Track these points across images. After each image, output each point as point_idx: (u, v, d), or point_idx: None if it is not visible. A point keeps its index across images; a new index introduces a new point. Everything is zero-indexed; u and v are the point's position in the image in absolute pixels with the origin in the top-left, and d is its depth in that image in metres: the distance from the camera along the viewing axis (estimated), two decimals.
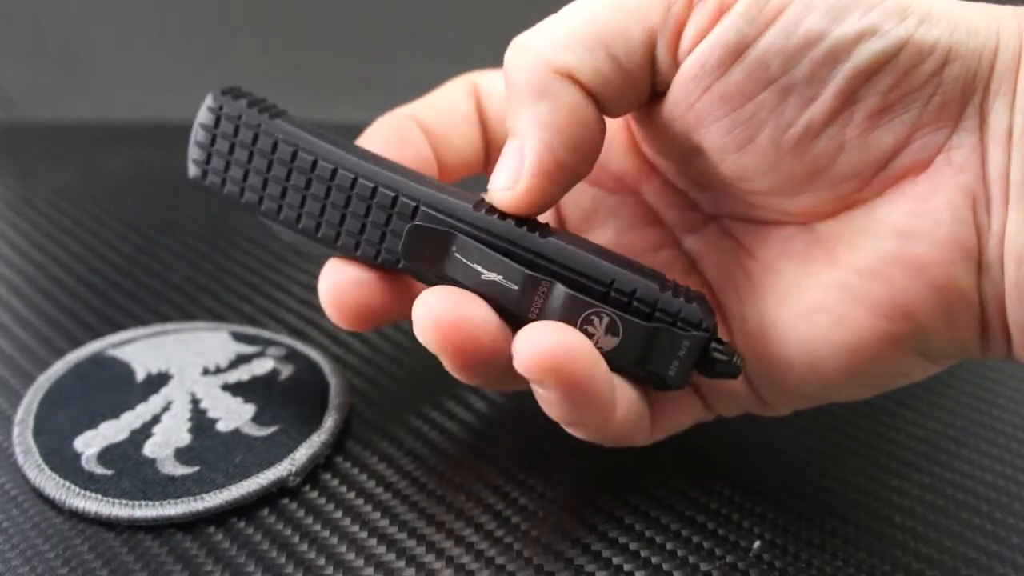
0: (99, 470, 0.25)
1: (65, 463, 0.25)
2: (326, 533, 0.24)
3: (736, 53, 0.19)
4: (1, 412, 0.28)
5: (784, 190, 0.21)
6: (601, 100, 0.21)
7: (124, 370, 0.30)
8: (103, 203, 0.43)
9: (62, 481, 0.25)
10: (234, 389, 0.29)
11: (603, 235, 0.26)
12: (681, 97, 0.21)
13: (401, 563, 0.23)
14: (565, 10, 0.21)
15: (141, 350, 0.31)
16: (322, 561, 0.23)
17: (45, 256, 0.38)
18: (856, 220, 0.21)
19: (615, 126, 0.25)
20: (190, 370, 0.30)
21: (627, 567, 0.24)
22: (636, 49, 0.20)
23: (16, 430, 0.27)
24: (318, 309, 0.34)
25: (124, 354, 0.30)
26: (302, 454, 0.26)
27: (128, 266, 0.37)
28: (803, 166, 0.20)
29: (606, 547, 0.24)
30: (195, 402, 0.28)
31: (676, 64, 0.20)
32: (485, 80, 0.27)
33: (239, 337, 0.32)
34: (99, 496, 0.24)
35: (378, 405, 0.29)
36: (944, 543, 0.25)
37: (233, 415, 0.28)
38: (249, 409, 0.28)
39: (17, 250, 0.38)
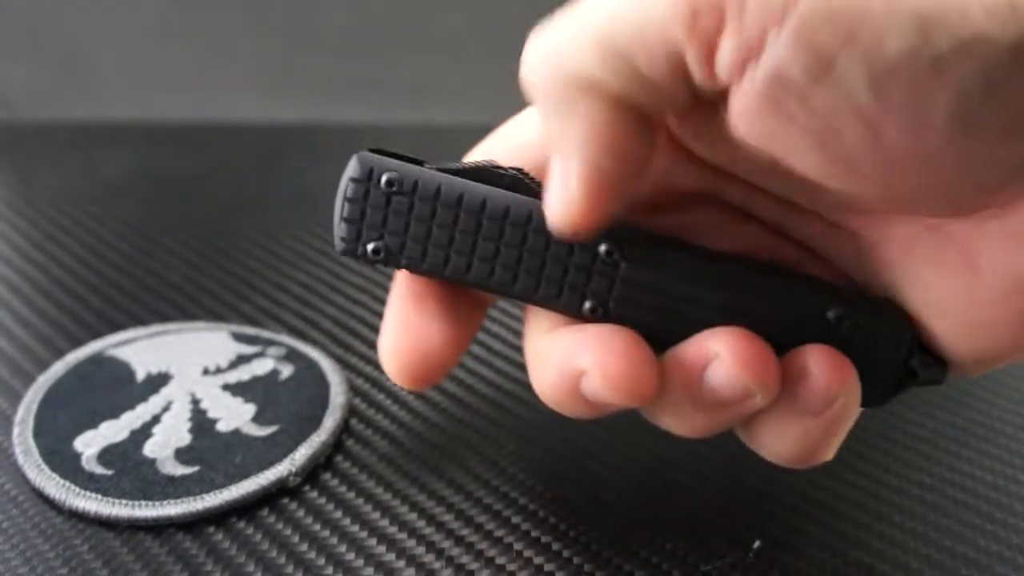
0: (99, 470, 0.25)
1: (65, 463, 0.25)
2: (326, 533, 0.24)
3: (799, 86, 0.16)
4: (1, 412, 0.28)
5: (897, 207, 0.19)
6: (638, 106, 0.18)
7: (124, 370, 0.30)
8: (103, 203, 0.43)
9: (62, 481, 0.25)
10: (234, 389, 0.29)
11: None
12: (741, 130, 0.18)
13: (401, 563, 0.23)
14: (577, 14, 0.19)
15: (141, 350, 0.31)
16: (322, 561, 0.23)
17: (45, 256, 0.38)
18: (990, 227, 0.18)
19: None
20: (190, 370, 0.30)
21: (627, 567, 0.24)
22: (657, 57, 0.18)
23: (16, 430, 0.27)
24: (318, 309, 0.34)
25: (124, 354, 0.30)
26: (302, 454, 0.26)
27: (128, 266, 0.37)
28: (918, 191, 0.18)
29: (606, 547, 0.24)
30: (195, 402, 0.28)
31: (715, 80, 0.17)
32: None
33: (239, 337, 0.32)
34: (99, 496, 0.24)
35: (378, 405, 0.29)
36: (944, 543, 0.25)
37: (233, 415, 0.28)
38: (249, 409, 0.28)
39: (17, 250, 0.38)
